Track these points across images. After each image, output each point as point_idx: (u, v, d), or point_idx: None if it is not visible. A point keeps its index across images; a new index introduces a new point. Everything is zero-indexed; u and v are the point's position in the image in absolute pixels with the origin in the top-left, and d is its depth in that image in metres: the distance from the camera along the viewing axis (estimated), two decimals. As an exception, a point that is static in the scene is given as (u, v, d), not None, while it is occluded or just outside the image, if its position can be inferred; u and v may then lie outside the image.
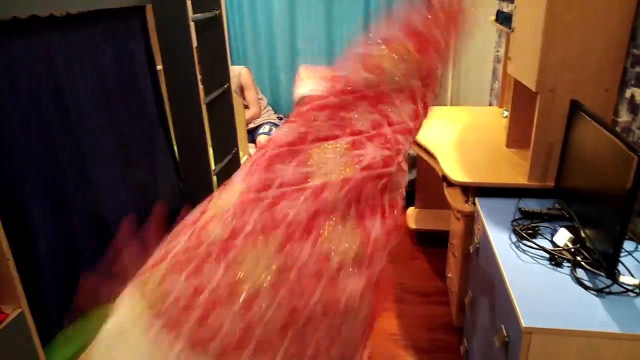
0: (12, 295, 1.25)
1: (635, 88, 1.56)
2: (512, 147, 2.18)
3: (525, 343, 1.18)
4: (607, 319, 1.17)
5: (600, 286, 1.28)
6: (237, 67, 3.47)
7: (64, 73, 1.47)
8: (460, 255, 2.05)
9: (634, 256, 1.41)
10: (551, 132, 1.72)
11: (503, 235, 1.56)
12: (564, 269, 1.38)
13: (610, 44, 1.59)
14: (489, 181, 1.90)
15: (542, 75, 1.65)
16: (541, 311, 1.21)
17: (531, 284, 1.32)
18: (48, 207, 1.43)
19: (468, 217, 1.93)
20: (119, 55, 1.75)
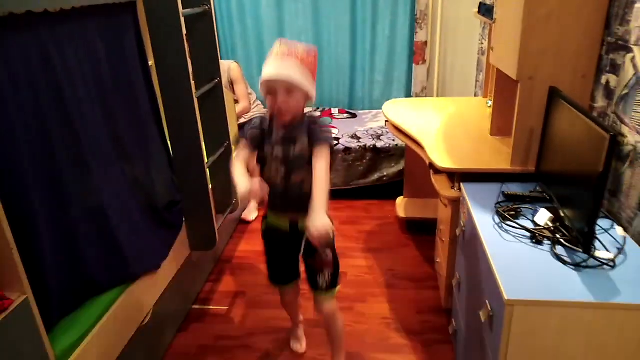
0: (16, 283, 1.29)
1: (610, 74, 1.63)
2: (496, 134, 2.25)
3: (507, 315, 1.25)
4: (584, 290, 1.25)
5: (578, 261, 1.35)
6: (226, 61, 3.50)
7: (60, 67, 1.51)
8: (447, 239, 2.13)
9: (609, 233, 1.49)
10: (532, 118, 1.79)
11: (487, 217, 1.64)
12: (544, 246, 1.45)
13: (586, 32, 1.67)
14: (474, 167, 1.97)
15: (522, 63, 1.73)
16: (522, 285, 1.28)
17: (513, 260, 1.39)
18: (48, 198, 1.47)
19: (454, 203, 2.01)
20: (112, 50, 1.79)
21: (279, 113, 1.55)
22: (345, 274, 2.68)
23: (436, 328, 2.24)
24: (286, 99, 1.51)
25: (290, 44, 1.54)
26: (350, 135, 3.52)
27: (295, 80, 1.49)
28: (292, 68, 1.49)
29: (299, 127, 1.59)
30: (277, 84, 1.50)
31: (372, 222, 3.24)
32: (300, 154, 1.59)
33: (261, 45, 4.05)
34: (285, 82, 1.49)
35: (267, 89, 1.54)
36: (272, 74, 1.50)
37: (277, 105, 1.52)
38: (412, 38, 3.90)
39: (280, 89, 1.50)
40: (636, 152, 1.46)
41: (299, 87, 1.51)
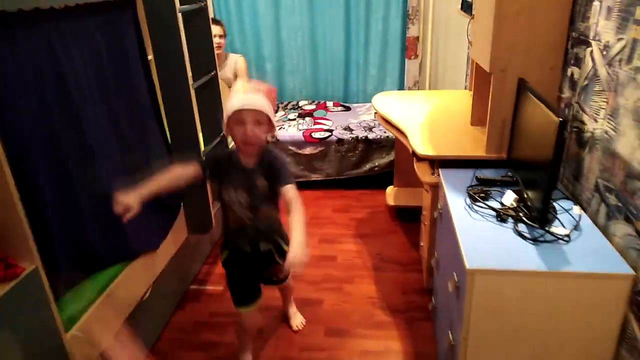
0: (27, 254, 1.44)
1: (574, 67, 1.76)
2: (476, 124, 2.38)
3: (469, 283, 1.38)
4: (539, 261, 1.38)
5: (536, 236, 1.49)
6: (234, 55, 3.67)
7: (64, 61, 1.64)
8: (429, 223, 2.26)
9: (569, 213, 1.62)
10: (504, 108, 1.92)
11: (459, 199, 1.77)
12: (508, 224, 1.58)
13: (553, 28, 1.79)
14: (452, 154, 2.10)
15: (495, 57, 1.85)
16: (484, 256, 1.42)
17: (478, 236, 1.53)
18: (55, 181, 1.61)
19: (434, 188, 2.14)
20: (113, 45, 1.92)
21: (247, 143, 1.64)
22: (335, 257, 2.82)
23: (419, 307, 2.37)
24: (254, 130, 1.61)
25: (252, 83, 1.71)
26: (343, 127, 3.65)
27: (265, 110, 1.62)
28: (260, 100, 1.62)
29: (256, 169, 1.69)
30: (248, 114, 1.59)
31: (363, 210, 3.38)
32: (262, 192, 1.72)
33: (259, 40, 4.17)
34: (256, 111, 1.60)
35: (235, 120, 1.61)
36: (245, 103, 1.59)
37: (246, 134, 1.60)
38: (404, 33, 4.02)
39: (249, 120, 1.59)
40: (594, 138, 1.58)
41: (266, 118, 1.63)
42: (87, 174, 1.74)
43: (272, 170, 1.69)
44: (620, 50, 1.41)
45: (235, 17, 4.13)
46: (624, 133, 1.39)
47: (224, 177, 1.73)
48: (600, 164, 1.53)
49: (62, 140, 1.62)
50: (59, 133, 1.61)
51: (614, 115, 1.45)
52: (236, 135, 1.64)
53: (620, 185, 1.41)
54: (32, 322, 1.45)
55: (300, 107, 4.15)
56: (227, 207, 1.76)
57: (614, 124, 1.44)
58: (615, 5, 1.44)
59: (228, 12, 4.13)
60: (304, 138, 3.54)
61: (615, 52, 1.44)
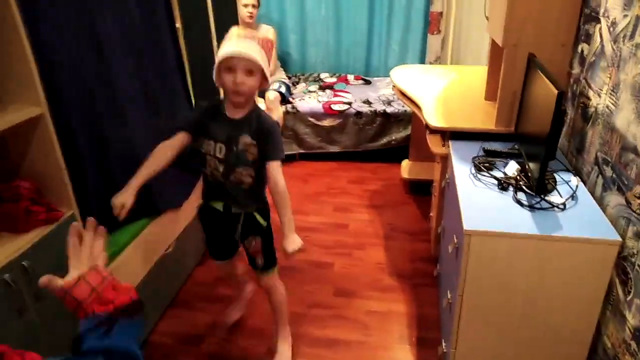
0: (65, 200, 1.60)
1: (584, 43, 1.81)
2: (490, 99, 2.43)
3: (466, 243, 1.49)
4: (532, 225, 1.48)
5: (533, 203, 1.58)
6: (266, 25, 3.75)
7: (101, 24, 1.77)
8: (438, 194, 2.35)
9: (569, 185, 1.69)
10: (514, 83, 1.98)
11: (465, 169, 1.86)
12: (508, 192, 1.67)
13: (565, 4, 1.83)
14: (462, 126, 2.17)
15: (507, 31, 1.90)
16: (481, 220, 1.52)
17: (478, 202, 1.62)
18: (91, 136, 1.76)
19: (443, 159, 2.23)
20: (144, 13, 2.04)
21: (235, 93, 1.55)
22: (347, 225, 2.95)
23: (425, 273, 2.49)
24: (245, 79, 1.51)
25: (248, 30, 1.62)
26: (362, 101, 3.73)
27: (256, 60, 1.51)
28: (254, 48, 1.52)
29: (244, 124, 1.61)
30: (239, 61, 1.49)
31: (378, 182, 3.48)
32: (242, 152, 1.62)
33: (283, 11, 4.24)
34: (247, 59, 1.49)
35: (225, 67, 1.53)
36: (235, 50, 1.49)
37: (235, 83, 1.52)
38: (427, 8, 4.03)
39: (240, 68, 1.50)
40: (597, 113, 1.65)
41: (258, 68, 1.52)
42: (118, 129, 1.89)
43: (262, 131, 1.60)
44: (625, 26, 1.46)
45: (261, -12, 4.19)
46: (622, 107, 1.45)
47: (208, 127, 1.65)
48: (601, 138, 1.60)
49: (97, 97, 1.77)
50: (94, 90, 1.75)
51: (615, 90, 1.50)
52: (225, 83, 1.54)
53: (615, 157, 1.48)
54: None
55: (321, 80, 4.23)
56: (204, 158, 1.68)
57: (615, 99, 1.50)
58: (624, -18, 1.49)
59: (254, -16, 4.19)
60: (323, 110, 3.64)
61: (621, 29, 1.49)
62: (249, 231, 1.79)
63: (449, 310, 1.75)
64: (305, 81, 4.23)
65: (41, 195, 1.60)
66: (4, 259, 1.38)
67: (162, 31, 2.18)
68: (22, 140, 1.52)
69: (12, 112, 1.41)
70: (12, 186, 1.53)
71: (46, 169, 1.56)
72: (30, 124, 1.47)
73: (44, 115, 1.47)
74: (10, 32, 1.36)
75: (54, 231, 1.54)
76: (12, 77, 1.43)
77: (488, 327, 1.61)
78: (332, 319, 2.22)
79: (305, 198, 3.26)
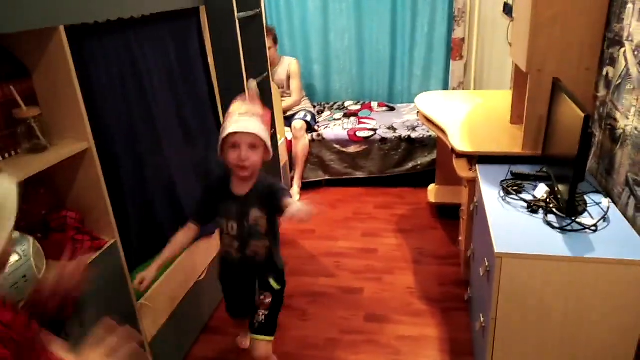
0: (109, 229, 1.68)
1: (609, 67, 1.83)
2: (516, 123, 2.46)
3: (497, 266, 1.50)
4: (564, 247, 1.48)
5: (564, 225, 1.58)
6: (288, 58, 3.88)
7: (141, 62, 1.89)
8: (466, 217, 2.36)
9: (600, 206, 1.69)
10: (540, 106, 2.00)
11: (494, 192, 1.88)
12: (538, 215, 1.68)
13: (589, 29, 1.86)
14: (489, 150, 2.20)
15: (531, 57, 1.94)
16: (512, 242, 1.53)
17: (508, 225, 1.63)
18: (132, 169, 1.86)
19: (471, 183, 2.24)
20: (179, 47, 2.16)
21: (240, 168, 1.60)
22: (376, 250, 2.96)
23: (455, 297, 2.48)
24: (249, 154, 1.58)
25: (249, 103, 1.67)
26: (387, 127, 3.78)
27: (260, 135, 1.58)
28: (256, 124, 1.59)
29: (253, 196, 1.66)
30: (242, 138, 1.57)
31: (405, 207, 3.50)
32: (254, 225, 1.68)
33: (307, 43, 4.37)
34: (251, 135, 1.57)
35: (229, 144, 1.59)
36: (239, 127, 1.57)
37: (240, 158, 1.57)
38: (449, 35, 4.10)
39: (243, 143, 1.57)
40: (625, 134, 1.65)
41: (261, 143, 1.60)
42: (156, 163, 1.99)
43: (270, 195, 1.63)
44: (650, 50, 1.48)
45: (285, 21, 4.35)
46: (651, 129, 1.46)
47: (217, 207, 1.72)
48: (630, 159, 1.60)
49: (138, 130, 1.87)
50: (135, 124, 1.86)
51: (643, 112, 1.52)
52: (230, 159, 1.60)
53: (647, 178, 1.48)
54: (111, 288, 1.69)
55: (345, 107, 4.31)
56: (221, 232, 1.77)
57: (643, 121, 1.51)
58: (646, 7, 1.52)
59: (279, 17, 4.36)
60: (348, 137, 3.70)
61: (645, 52, 1.51)
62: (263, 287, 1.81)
63: (482, 334, 1.74)
64: (330, 109, 4.33)
65: (84, 225, 1.69)
66: (53, 286, 1.45)
67: (195, 64, 2.30)
68: (69, 173, 1.62)
69: (63, 147, 1.51)
70: (60, 216, 1.62)
71: (91, 200, 1.65)
72: (77, 158, 1.56)
73: (90, 150, 1.57)
74: (64, 78, 1.47)
75: (97, 259, 1.61)
76: (63, 116, 1.53)
77: (523, 351, 1.59)
78: (365, 345, 2.22)
79: (333, 223, 3.29)
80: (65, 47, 1.43)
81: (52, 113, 1.54)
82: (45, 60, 1.47)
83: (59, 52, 1.44)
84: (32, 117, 1.48)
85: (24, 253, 1.38)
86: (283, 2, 4.27)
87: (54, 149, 1.52)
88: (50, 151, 1.50)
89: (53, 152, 1.50)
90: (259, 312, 1.78)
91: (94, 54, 1.67)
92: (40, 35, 1.42)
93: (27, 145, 1.50)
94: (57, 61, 1.45)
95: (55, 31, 1.42)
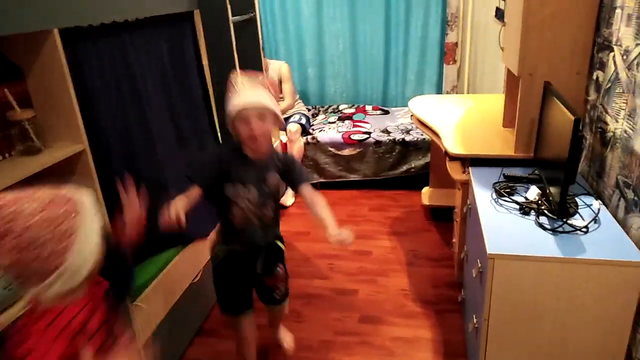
0: (102, 231, 1.68)
1: (599, 71, 1.85)
2: (508, 126, 2.48)
3: (490, 267, 1.51)
4: (555, 248, 1.50)
5: (555, 227, 1.60)
6: (278, 62, 3.88)
7: (135, 64, 1.90)
8: (460, 219, 2.38)
9: (591, 208, 1.71)
10: (532, 110, 2.02)
11: (486, 194, 1.89)
12: (530, 216, 1.70)
13: (578, 34, 1.89)
14: (482, 153, 2.22)
15: (523, 61, 1.96)
16: (504, 243, 1.54)
17: (501, 227, 1.65)
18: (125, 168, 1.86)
19: (464, 185, 2.26)
20: (174, 51, 2.17)
21: (254, 140, 1.58)
22: (371, 252, 2.98)
23: (449, 299, 2.49)
24: (259, 125, 1.56)
25: (249, 76, 1.66)
26: (381, 130, 3.80)
27: (268, 105, 1.57)
28: (263, 94, 1.58)
29: (268, 163, 1.66)
30: (251, 111, 1.55)
31: (399, 209, 3.51)
32: (271, 189, 1.68)
33: (302, 47, 4.39)
34: (259, 107, 1.56)
35: (239, 119, 1.58)
36: (246, 101, 1.56)
37: (253, 131, 1.56)
38: (443, 39, 4.13)
39: (253, 116, 1.55)
40: (615, 137, 1.68)
41: (270, 111, 1.59)
42: (150, 164, 1.99)
43: (287, 165, 1.66)
44: (638, 54, 1.50)
45: (280, 25, 4.36)
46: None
47: (230, 172, 1.64)
48: (620, 162, 1.62)
49: (132, 132, 1.87)
50: (130, 126, 1.86)
51: (632, 115, 1.54)
52: (242, 133, 1.59)
53: (636, 180, 1.50)
54: (105, 290, 1.69)
55: (340, 111, 4.33)
56: (231, 203, 1.66)
57: (632, 124, 1.54)
58: (634, 12, 1.54)
59: (274, 21, 4.37)
60: (343, 140, 3.72)
61: (634, 57, 1.53)
62: (273, 260, 1.84)
63: (475, 335, 1.76)
64: (324, 113, 4.34)
65: (79, 227, 1.68)
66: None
67: (190, 68, 2.31)
68: (64, 175, 1.62)
69: (57, 150, 1.52)
70: (54, 218, 1.62)
71: (85, 202, 1.65)
72: (72, 160, 1.57)
73: (85, 151, 1.57)
74: (58, 80, 1.48)
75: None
76: (57, 118, 1.54)
77: (515, 351, 1.61)
78: (359, 346, 2.23)
79: (327, 226, 3.30)
80: (59, 49, 1.44)
81: (46, 115, 1.54)
82: (40, 62, 1.47)
83: (53, 55, 1.44)
84: (26, 120, 1.48)
85: (18, 255, 1.38)
86: (278, 6, 4.29)
87: (48, 152, 1.52)
88: (44, 153, 1.51)
89: (47, 154, 1.51)
90: (279, 286, 1.90)
91: (88, 56, 1.67)
92: (35, 38, 1.42)
93: (20, 147, 1.51)
94: (52, 63, 1.46)
95: (50, 34, 1.42)
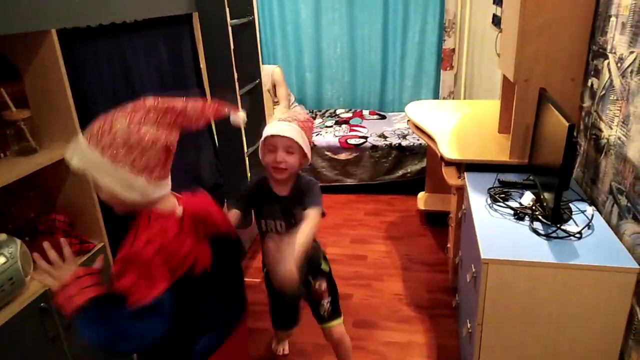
0: (97, 233, 1.68)
1: (593, 78, 1.87)
2: (503, 132, 2.49)
3: (484, 272, 1.52)
4: (549, 254, 1.50)
5: (549, 232, 1.61)
6: (270, 66, 3.88)
7: (133, 66, 1.90)
8: (455, 224, 2.39)
9: (585, 214, 1.72)
10: (527, 116, 2.03)
11: (481, 200, 1.90)
12: (524, 222, 1.71)
13: (574, 41, 1.91)
14: (477, 158, 2.23)
15: (518, 67, 1.98)
16: (498, 249, 1.55)
17: (495, 232, 1.66)
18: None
19: (460, 190, 2.27)
20: (172, 53, 2.18)
21: (277, 170, 1.61)
22: (366, 256, 2.98)
23: (443, 304, 2.49)
24: (285, 157, 1.58)
25: (292, 112, 1.68)
26: (378, 135, 3.81)
27: (297, 139, 1.58)
28: (294, 129, 1.60)
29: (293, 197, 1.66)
30: (279, 141, 1.58)
31: (395, 214, 3.52)
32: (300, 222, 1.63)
33: (300, 51, 4.41)
34: (286, 139, 1.58)
35: (268, 146, 1.61)
36: (275, 130, 1.59)
37: (276, 160, 1.59)
38: (440, 45, 4.15)
39: (280, 146, 1.58)
40: (609, 144, 1.69)
41: (297, 147, 1.60)
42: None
43: (307, 189, 1.66)
44: (632, 62, 1.52)
45: (278, 29, 4.38)
46: (633, 139, 1.49)
47: (259, 207, 1.71)
48: (614, 168, 1.64)
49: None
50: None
51: (625, 122, 1.55)
52: (267, 160, 1.63)
53: (629, 187, 1.51)
54: (99, 291, 1.68)
55: (337, 115, 4.34)
56: (265, 235, 1.73)
57: (626, 130, 1.55)
58: (629, 21, 1.56)
59: (272, 25, 4.39)
60: (339, 144, 3.73)
61: (628, 64, 1.55)
62: (313, 276, 1.85)
63: (469, 340, 1.76)
64: (321, 117, 4.35)
65: (74, 228, 1.68)
66: (41, 288, 1.45)
67: (188, 71, 2.31)
68: (59, 176, 1.62)
69: (53, 150, 1.52)
70: (49, 219, 1.62)
71: (80, 203, 1.65)
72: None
73: (80, 152, 1.56)
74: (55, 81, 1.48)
75: (86, 262, 1.61)
76: (53, 118, 1.54)
77: (509, 356, 1.61)
78: (353, 351, 2.19)
79: (323, 230, 3.30)
80: (56, 50, 1.44)
81: (43, 116, 1.54)
82: (37, 62, 1.47)
83: (50, 55, 1.45)
84: (22, 120, 1.48)
85: (11, 255, 1.38)
86: (276, 10, 4.30)
87: (43, 152, 1.52)
88: (40, 154, 1.51)
89: (43, 154, 1.51)
90: (322, 302, 1.87)
91: (85, 57, 1.68)
92: (32, 38, 1.43)
93: (16, 147, 1.51)
94: (49, 64, 1.46)
95: (48, 34, 1.43)
